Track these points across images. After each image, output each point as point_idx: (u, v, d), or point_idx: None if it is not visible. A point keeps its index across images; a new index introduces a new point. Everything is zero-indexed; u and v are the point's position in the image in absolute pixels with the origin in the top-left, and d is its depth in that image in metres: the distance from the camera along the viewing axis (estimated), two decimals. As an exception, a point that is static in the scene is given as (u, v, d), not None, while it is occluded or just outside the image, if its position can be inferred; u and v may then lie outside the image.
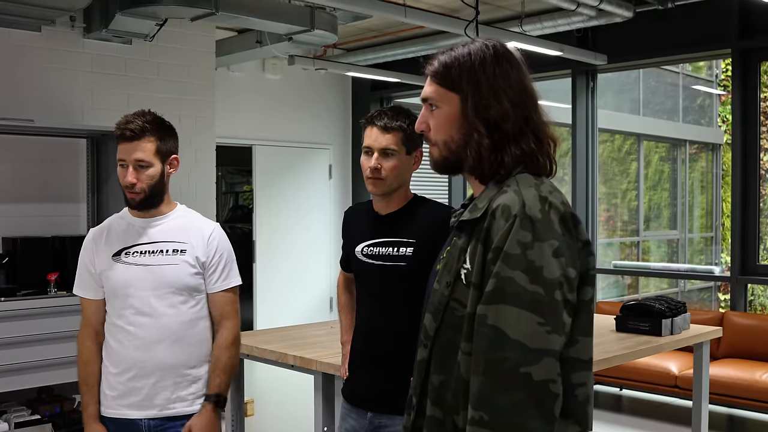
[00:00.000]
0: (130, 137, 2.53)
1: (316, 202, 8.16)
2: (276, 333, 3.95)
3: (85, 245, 2.69)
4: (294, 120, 7.94)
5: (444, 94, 1.68)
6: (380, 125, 2.56)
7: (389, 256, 2.56)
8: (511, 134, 1.63)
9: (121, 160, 2.56)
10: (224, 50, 6.35)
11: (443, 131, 1.69)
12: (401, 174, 2.57)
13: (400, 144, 2.54)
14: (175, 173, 2.69)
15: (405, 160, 2.57)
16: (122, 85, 5.33)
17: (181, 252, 2.61)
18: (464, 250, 1.62)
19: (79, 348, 2.66)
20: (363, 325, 2.65)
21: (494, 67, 1.65)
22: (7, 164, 4.81)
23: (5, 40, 4.84)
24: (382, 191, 2.57)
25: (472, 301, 1.55)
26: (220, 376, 2.64)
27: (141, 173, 2.55)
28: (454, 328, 1.60)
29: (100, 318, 2.65)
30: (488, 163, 1.64)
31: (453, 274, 1.63)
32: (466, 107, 1.65)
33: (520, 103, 1.64)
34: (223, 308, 2.68)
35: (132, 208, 2.63)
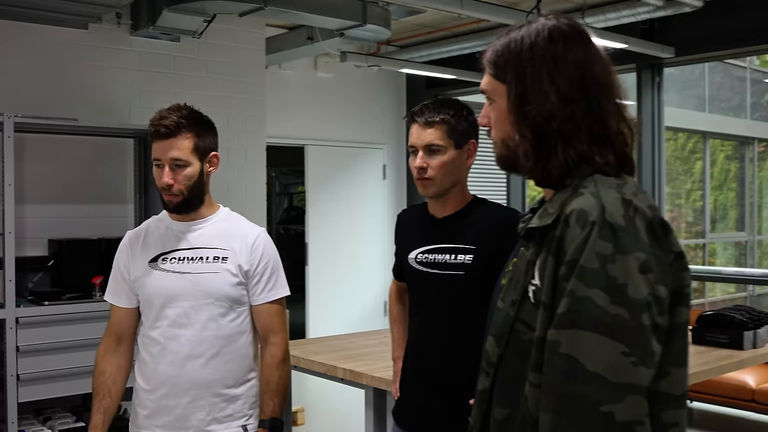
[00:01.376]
0: (165, 134, 2.33)
1: (370, 204, 7.96)
2: (325, 343, 3.76)
3: (120, 249, 2.50)
4: (347, 119, 7.74)
5: (495, 85, 1.46)
6: (422, 120, 2.32)
7: (446, 264, 2.32)
8: (560, 134, 1.39)
9: (156, 159, 2.36)
10: (275, 47, 6.18)
11: (500, 127, 1.47)
12: (452, 171, 2.32)
13: (445, 138, 2.30)
14: (217, 172, 2.50)
15: (454, 156, 2.31)
16: (170, 83, 5.19)
17: (222, 259, 2.40)
18: (532, 263, 1.38)
19: (96, 357, 2.47)
20: (415, 340, 2.41)
21: (546, 51, 1.40)
22: (52, 164, 4.70)
23: (52, 39, 4.73)
24: (434, 192, 2.32)
25: (541, 323, 1.32)
26: (273, 399, 2.42)
27: (178, 173, 2.35)
28: (521, 355, 1.37)
29: (127, 328, 2.46)
30: (538, 168, 1.42)
31: (519, 290, 1.40)
32: (510, 102, 1.42)
33: (578, 94, 1.39)
34: (270, 322, 2.46)
35: (169, 211, 2.44)
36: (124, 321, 2.47)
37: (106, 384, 2.44)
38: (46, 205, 4.67)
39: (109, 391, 2.44)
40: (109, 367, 2.45)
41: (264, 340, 2.47)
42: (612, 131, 1.41)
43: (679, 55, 6.41)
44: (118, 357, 2.47)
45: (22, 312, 4.04)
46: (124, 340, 2.48)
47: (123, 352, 2.48)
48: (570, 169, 1.39)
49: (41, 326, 4.08)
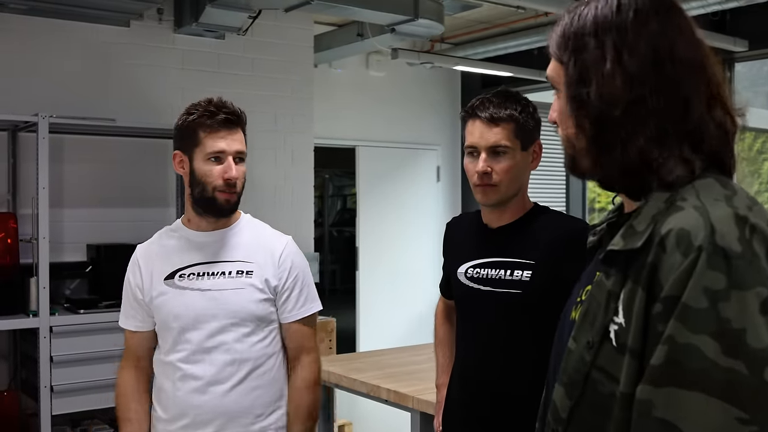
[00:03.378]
0: (232, 122, 2.10)
1: (424, 207, 7.69)
2: (369, 358, 3.51)
3: (131, 267, 2.24)
4: (399, 119, 7.49)
5: (559, 70, 1.19)
6: (485, 116, 2.01)
7: (500, 281, 2.03)
8: (624, 124, 1.10)
9: (216, 152, 2.09)
10: (324, 45, 5.96)
11: (564, 122, 1.20)
12: (517, 177, 2.02)
13: (512, 138, 2.00)
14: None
15: (521, 159, 2.02)
16: (214, 82, 5.00)
17: (246, 274, 2.15)
18: (615, 295, 1.09)
19: (119, 387, 2.25)
20: (462, 366, 2.12)
21: (611, 21, 1.12)
22: (92, 167, 4.55)
23: (92, 37, 4.58)
24: (496, 200, 2.03)
25: (628, 375, 1.03)
26: (305, 424, 2.17)
27: (239, 169, 2.12)
28: (599, 411, 1.08)
29: (144, 352, 2.23)
30: (598, 168, 1.15)
31: (597, 330, 1.11)
32: (566, 85, 1.15)
33: (651, 76, 1.10)
34: (301, 341, 2.21)
35: (220, 213, 2.17)
36: (142, 345, 2.25)
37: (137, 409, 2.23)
38: (85, 208, 4.52)
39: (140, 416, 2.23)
40: (134, 401, 2.23)
41: (295, 359, 2.23)
42: (698, 122, 1.12)
43: (753, 48, 6.02)
44: (141, 386, 2.26)
45: (56, 320, 3.88)
46: (143, 368, 2.27)
47: (143, 379, 2.27)
48: (639, 169, 1.11)
49: (76, 335, 3.92)
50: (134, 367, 2.25)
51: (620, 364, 1.05)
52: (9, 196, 4.28)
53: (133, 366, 2.25)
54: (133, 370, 2.25)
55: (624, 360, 1.04)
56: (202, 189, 2.12)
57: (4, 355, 4.29)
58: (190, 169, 2.14)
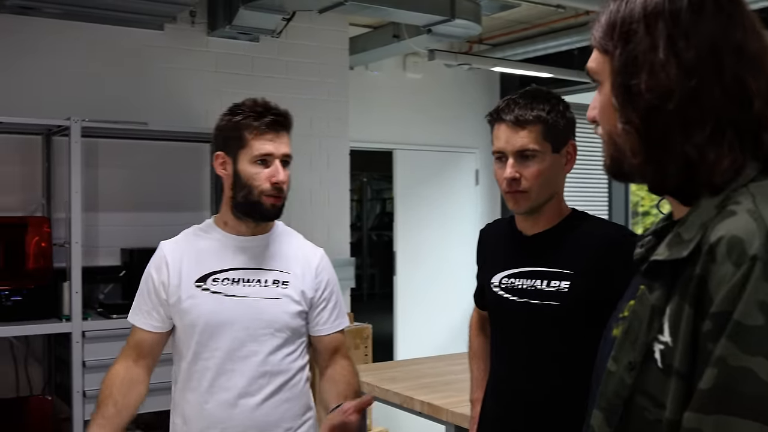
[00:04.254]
0: (281, 125, 2.04)
1: (462, 211, 7.58)
2: (404, 367, 3.42)
3: (155, 262, 2.14)
4: (437, 122, 7.39)
5: (602, 61, 1.08)
6: (510, 119, 1.90)
7: (537, 292, 1.92)
8: (678, 118, 1.00)
9: (264, 155, 2.02)
10: (360, 47, 5.89)
11: (605, 117, 1.09)
12: (550, 181, 1.91)
13: (541, 140, 1.89)
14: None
15: (552, 162, 1.91)
16: (249, 85, 4.96)
17: (283, 284, 2.07)
18: (660, 311, 0.99)
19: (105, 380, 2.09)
20: (496, 381, 2.02)
21: (663, 6, 1.02)
22: (126, 171, 4.53)
23: (125, 41, 4.56)
24: (527, 207, 1.92)
25: (675, 400, 0.93)
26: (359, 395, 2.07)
27: (286, 173, 2.05)
28: None
29: (147, 354, 2.11)
30: (650, 168, 1.03)
31: (640, 349, 1.00)
32: (613, 76, 1.05)
33: (708, 66, 1.00)
34: (336, 352, 2.16)
35: (264, 218, 2.09)
36: (150, 345, 2.12)
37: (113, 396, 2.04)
38: (119, 212, 4.50)
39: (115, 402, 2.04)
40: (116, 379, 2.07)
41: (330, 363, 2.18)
42: (757, 120, 1.01)
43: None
44: (131, 373, 2.09)
45: (88, 325, 3.85)
46: (140, 364, 2.12)
47: (138, 371, 2.10)
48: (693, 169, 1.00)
49: (108, 340, 3.88)
50: (133, 361, 2.11)
51: (667, 388, 0.94)
52: (44, 200, 4.27)
53: (132, 359, 2.11)
54: (124, 368, 2.10)
55: (671, 383, 0.94)
56: (248, 192, 2.04)
57: (39, 360, 4.28)
58: (234, 171, 2.06)
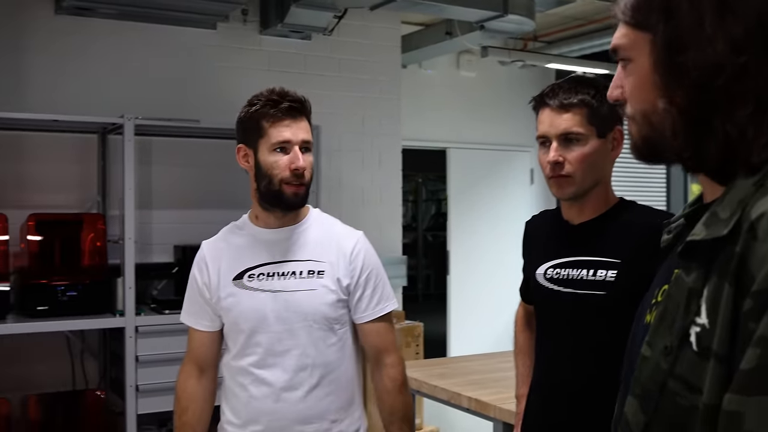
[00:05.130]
0: (297, 111, 2.01)
1: (516, 210, 7.49)
2: (453, 364, 3.39)
3: (197, 263, 2.16)
4: (491, 120, 7.32)
5: (635, 37, 1.03)
6: (555, 104, 1.87)
7: (583, 282, 1.88)
8: (725, 96, 0.95)
9: (282, 142, 2.00)
10: (412, 45, 5.87)
11: (639, 95, 1.03)
12: (594, 166, 1.86)
13: (585, 124, 1.85)
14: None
15: (597, 146, 1.86)
16: (301, 83, 4.95)
17: (318, 273, 2.05)
18: (697, 292, 0.94)
19: (177, 389, 2.16)
20: (541, 376, 1.97)
21: None
22: (180, 168, 4.58)
23: (178, 40, 4.62)
24: (572, 193, 1.88)
25: (713, 384, 0.88)
26: (402, 429, 2.07)
27: (306, 159, 2.02)
28: (678, 428, 0.93)
29: (208, 355, 2.14)
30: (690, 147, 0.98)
31: (676, 333, 0.95)
32: (656, 53, 0.99)
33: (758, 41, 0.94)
34: (380, 340, 2.10)
35: (288, 207, 2.07)
36: (207, 347, 2.15)
37: (191, 425, 2.14)
38: (172, 210, 4.55)
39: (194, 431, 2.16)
40: (193, 403, 2.15)
41: (376, 361, 2.12)
42: None
43: None
44: (202, 390, 2.16)
45: (141, 320, 3.90)
46: (207, 369, 2.17)
47: (206, 384, 2.17)
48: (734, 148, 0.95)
49: (161, 335, 3.93)
50: (197, 377, 2.16)
51: (704, 372, 0.90)
52: (99, 197, 4.34)
53: (196, 375, 2.17)
54: (195, 379, 2.16)
55: (709, 366, 0.89)
56: (269, 182, 2.03)
57: (95, 354, 4.35)
58: (255, 161, 2.05)
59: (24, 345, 4.11)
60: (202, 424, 2.16)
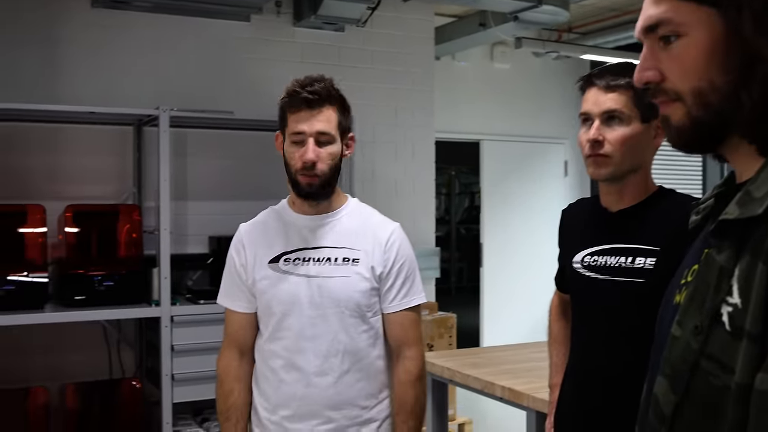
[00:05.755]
0: (311, 103, 2.00)
1: (550, 203, 7.43)
2: (486, 354, 3.38)
3: (235, 245, 2.19)
4: (525, 112, 7.28)
5: (690, 11, 0.98)
6: (602, 84, 1.86)
7: (621, 269, 1.86)
8: None
9: (296, 133, 2.01)
10: (445, 36, 5.85)
11: (694, 74, 0.99)
12: (635, 149, 1.84)
13: (630, 106, 1.83)
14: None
15: (639, 130, 1.84)
16: (335, 74, 4.84)
17: (353, 261, 2.06)
18: (728, 272, 0.93)
19: (220, 373, 2.19)
20: (577, 363, 1.96)
21: None
22: (215, 160, 4.62)
23: (213, 32, 4.64)
24: (608, 173, 1.86)
25: (746, 363, 0.87)
26: (407, 422, 2.07)
27: (322, 150, 2.02)
28: (710, 407, 0.92)
29: (247, 338, 2.16)
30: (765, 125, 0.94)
31: (707, 313, 0.94)
32: (741, 23, 0.94)
33: None
34: (404, 333, 2.11)
35: (304, 197, 2.09)
36: (245, 328, 2.17)
37: (238, 406, 2.16)
38: (207, 201, 4.58)
39: (242, 414, 2.17)
40: (237, 385, 2.17)
41: (397, 353, 2.13)
42: None
43: None
44: (244, 372, 2.18)
45: (177, 310, 3.94)
46: (246, 352, 2.18)
47: (246, 366, 2.18)
48: None
49: (196, 325, 3.96)
50: (238, 360, 2.18)
51: (736, 351, 0.88)
52: (134, 189, 4.39)
53: (237, 358, 2.18)
54: (236, 362, 2.18)
55: (741, 346, 0.88)
56: (289, 171, 2.08)
57: (131, 344, 4.40)
58: (283, 150, 2.09)
59: (62, 334, 4.17)
60: (247, 405, 2.18)
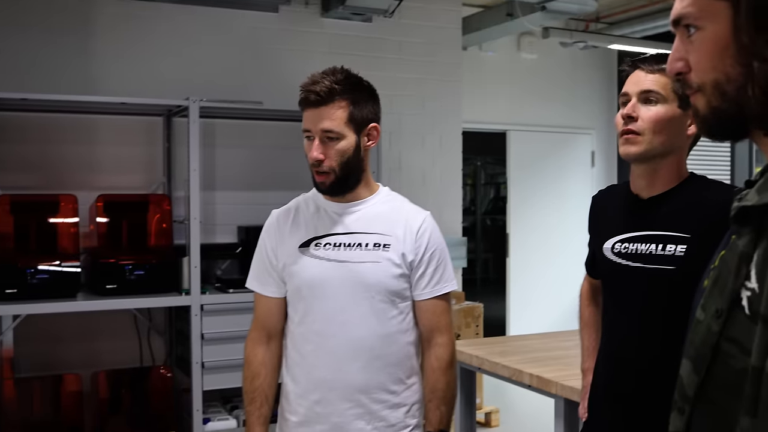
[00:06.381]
0: (315, 102, 2.01)
1: (577, 193, 7.42)
2: (514, 342, 3.39)
3: (267, 229, 2.20)
4: (552, 102, 7.26)
5: (708, 5, 1.00)
6: (645, 66, 1.88)
7: (652, 256, 1.86)
8: None
9: (306, 130, 2.05)
10: (473, 26, 5.85)
11: (710, 66, 1.01)
12: (667, 131, 1.85)
13: (668, 89, 1.83)
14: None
15: (675, 114, 1.84)
16: (362, 65, 4.84)
17: (384, 247, 2.07)
18: (747, 257, 0.94)
19: (247, 356, 2.20)
20: (607, 349, 1.97)
21: None
22: (243, 150, 4.65)
23: (241, 23, 4.68)
24: (639, 152, 1.86)
25: (759, 346, 0.89)
26: (440, 408, 2.08)
27: (329, 147, 2.03)
28: (730, 388, 0.94)
29: (275, 322, 2.18)
30: None
31: (727, 296, 0.96)
32: (740, 18, 0.96)
33: None
34: (435, 320, 2.12)
35: (321, 192, 2.12)
36: (273, 313, 2.18)
37: (263, 389, 2.18)
38: (236, 191, 4.62)
39: (267, 397, 2.19)
40: (263, 369, 2.19)
41: (427, 340, 2.14)
42: None
43: None
44: (271, 356, 2.20)
45: (206, 299, 3.98)
46: (273, 336, 2.20)
47: (274, 350, 2.20)
48: None
49: (226, 314, 4.01)
50: (266, 344, 2.20)
51: (754, 335, 0.90)
52: (164, 179, 4.44)
53: (265, 342, 2.20)
54: (264, 346, 2.20)
55: (757, 329, 0.89)
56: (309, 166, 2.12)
57: (161, 332, 4.45)
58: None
59: (94, 322, 4.24)
60: (273, 389, 2.20)
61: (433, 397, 2.10)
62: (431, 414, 2.09)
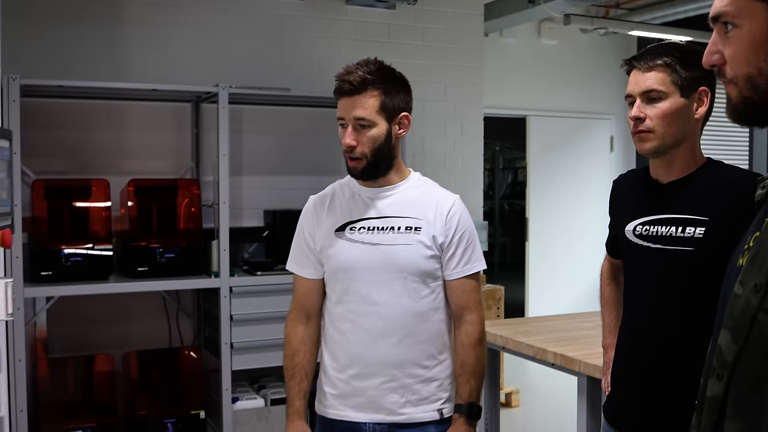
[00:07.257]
0: (349, 91, 2.12)
1: (596, 178, 7.48)
2: (537, 323, 3.47)
3: (304, 214, 2.32)
4: (572, 88, 7.31)
5: (746, 5, 1.11)
6: (641, 65, 1.99)
7: (671, 238, 1.95)
8: None
9: (340, 118, 2.16)
10: (495, 13, 5.90)
11: (744, 60, 1.12)
12: (677, 123, 1.95)
13: (667, 83, 1.94)
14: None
15: (680, 105, 1.94)
16: (386, 52, 5.02)
17: (415, 230, 2.18)
18: None
19: (287, 334, 2.32)
20: (629, 327, 2.07)
21: None
22: (270, 136, 4.74)
23: (268, 10, 4.76)
24: (653, 147, 1.97)
25: None
26: (470, 382, 2.19)
27: (362, 134, 2.13)
28: (764, 355, 1.04)
29: (314, 302, 2.29)
30: None
31: (765, 272, 1.05)
32: None
33: None
34: (465, 298, 2.22)
35: (353, 177, 2.24)
36: (312, 293, 2.30)
37: (303, 365, 2.29)
38: (262, 176, 4.72)
39: (306, 373, 2.30)
40: (303, 346, 2.30)
41: (458, 318, 2.25)
42: None
43: None
44: (310, 334, 2.31)
45: (235, 281, 4.08)
46: (312, 316, 2.31)
47: (313, 329, 2.32)
48: None
49: (254, 296, 4.11)
50: (305, 321, 2.31)
51: None
52: (193, 164, 4.54)
53: (304, 321, 2.31)
54: (303, 325, 2.31)
55: None
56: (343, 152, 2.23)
57: (189, 314, 4.56)
58: None
59: (125, 304, 4.35)
60: (312, 366, 2.31)
61: (463, 372, 2.20)
62: (461, 388, 2.19)
